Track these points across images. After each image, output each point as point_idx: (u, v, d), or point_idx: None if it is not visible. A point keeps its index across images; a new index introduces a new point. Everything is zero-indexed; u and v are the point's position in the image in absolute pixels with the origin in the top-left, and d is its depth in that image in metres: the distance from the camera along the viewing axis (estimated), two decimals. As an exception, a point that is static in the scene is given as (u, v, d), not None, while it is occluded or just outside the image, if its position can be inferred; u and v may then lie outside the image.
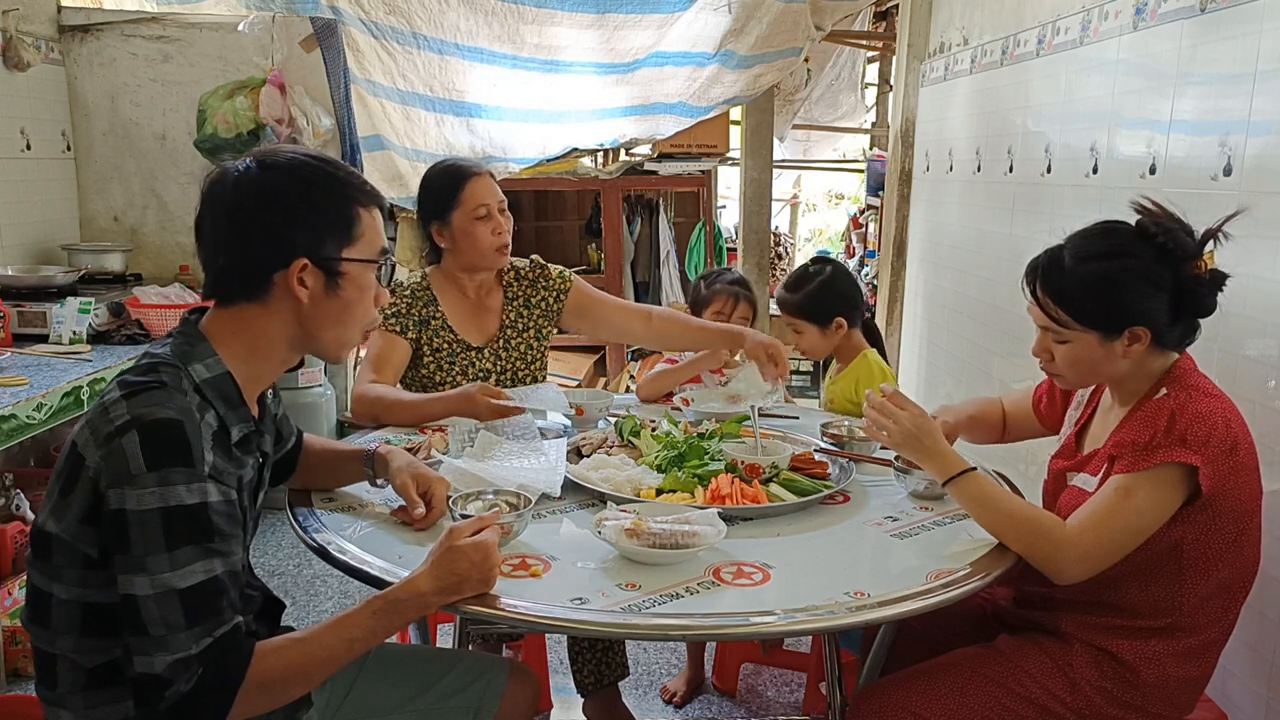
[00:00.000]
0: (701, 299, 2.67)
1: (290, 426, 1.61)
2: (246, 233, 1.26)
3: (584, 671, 2.30)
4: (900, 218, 4.45)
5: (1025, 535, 1.51)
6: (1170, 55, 2.33)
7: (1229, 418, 1.50)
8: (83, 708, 1.21)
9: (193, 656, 1.13)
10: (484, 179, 2.28)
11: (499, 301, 2.40)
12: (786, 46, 4.47)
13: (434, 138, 4.20)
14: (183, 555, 1.13)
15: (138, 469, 1.12)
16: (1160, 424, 1.47)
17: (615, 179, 5.59)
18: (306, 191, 1.27)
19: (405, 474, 1.60)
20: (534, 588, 1.38)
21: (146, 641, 1.13)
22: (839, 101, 8.11)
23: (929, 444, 1.60)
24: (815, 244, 11.29)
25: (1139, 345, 1.53)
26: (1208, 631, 1.55)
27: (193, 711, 1.13)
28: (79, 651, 1.20)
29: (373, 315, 1.38)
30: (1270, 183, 1.96)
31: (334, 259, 1.28)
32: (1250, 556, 1.56)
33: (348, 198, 1.30)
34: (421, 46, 3.98)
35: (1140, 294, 1.52)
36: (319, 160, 1.31)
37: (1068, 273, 1.55)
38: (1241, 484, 1.50)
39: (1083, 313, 1.54)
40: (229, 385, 1.26)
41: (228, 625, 1.16)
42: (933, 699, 1.54)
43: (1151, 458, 1.46)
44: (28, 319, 2.85)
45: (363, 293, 1.33)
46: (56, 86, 3.59)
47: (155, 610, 1.12)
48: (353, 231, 1.30)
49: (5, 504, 2.78)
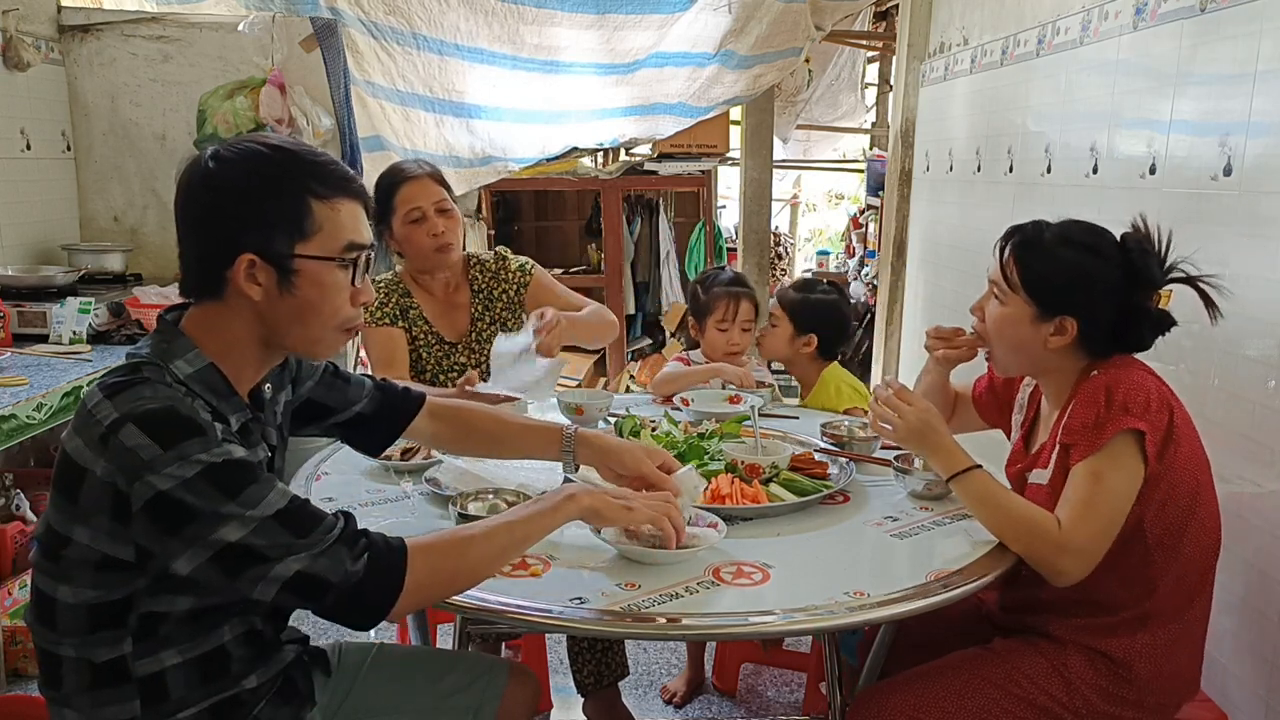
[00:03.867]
0: (701, 306, 2.63)
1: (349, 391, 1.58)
2: (196, 229, 1.22)
3: (584, 672, 2.30)
4: (900, 218, 4.45)
5: (1026, 536, 1.51)
6: (1170, 55, 2.33)
7: (1160, 386, 1.53)
8: (89, 707, 1.20)
9: (334, 544, 1.14)
10: (418, 182, 2.27)
11: (466, 297, 2.42)
12: (786, 46, 4.47)
13: (434, 139, 4.20)
14: (250, 495, 1.12)
15: (152, 454, 1.09)
16: (1100, 399, 1.50)
17: (615, 179, 5.59)
18: (251, 184, 1.19)
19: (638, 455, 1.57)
20: (534, 588, 1.38)
21: (267, 566, 1.12)
22: (839, 101, 8.11)
23: (934, 440, 1.61)
24: (815, 244, 11.28)
25: (1062, 338, 1.56)
26: (1187, 611, 1.57)
27: (371, 592, 1.16)
28: (87, 648, 1.18)
29: (348, 314, 1.28)
30: (1270, 183, 1.96)
31: (285, 255, 1.20)
32: (1210, 528, 1.58)
33: (299, 190, 1.21)
34: (421, 47, 3.98)
35: (1090, 292, 1.55)
36: (276, 150, 1.22)
37: (1041, 244, 1.60)
38: (1185, 452, 1.52)
39: (1033, 283, 1.58)
40: (214, 376, 1.23)
41: (344, 521, 1.18)
42: (931, 701, 1.54)
43: (1102, 434, 1.48)
44: (28, 319, 2.85)
45: (324, 291, 1.24)
46: (56, 86, 3.58)
47: (260, 540, 1.11)
48: (305, 226, 1.21)
49: (5, 504, 2.78)
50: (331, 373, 1.57)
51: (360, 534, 1.19)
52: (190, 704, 1.23)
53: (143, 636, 1.19)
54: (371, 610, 1.19)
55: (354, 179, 1.28)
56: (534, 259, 2.54)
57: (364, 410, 1.59)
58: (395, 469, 1.83)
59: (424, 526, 1.60)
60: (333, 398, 1.56)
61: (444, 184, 2.32)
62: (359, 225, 1.27)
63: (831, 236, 11.15)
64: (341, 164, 1.29)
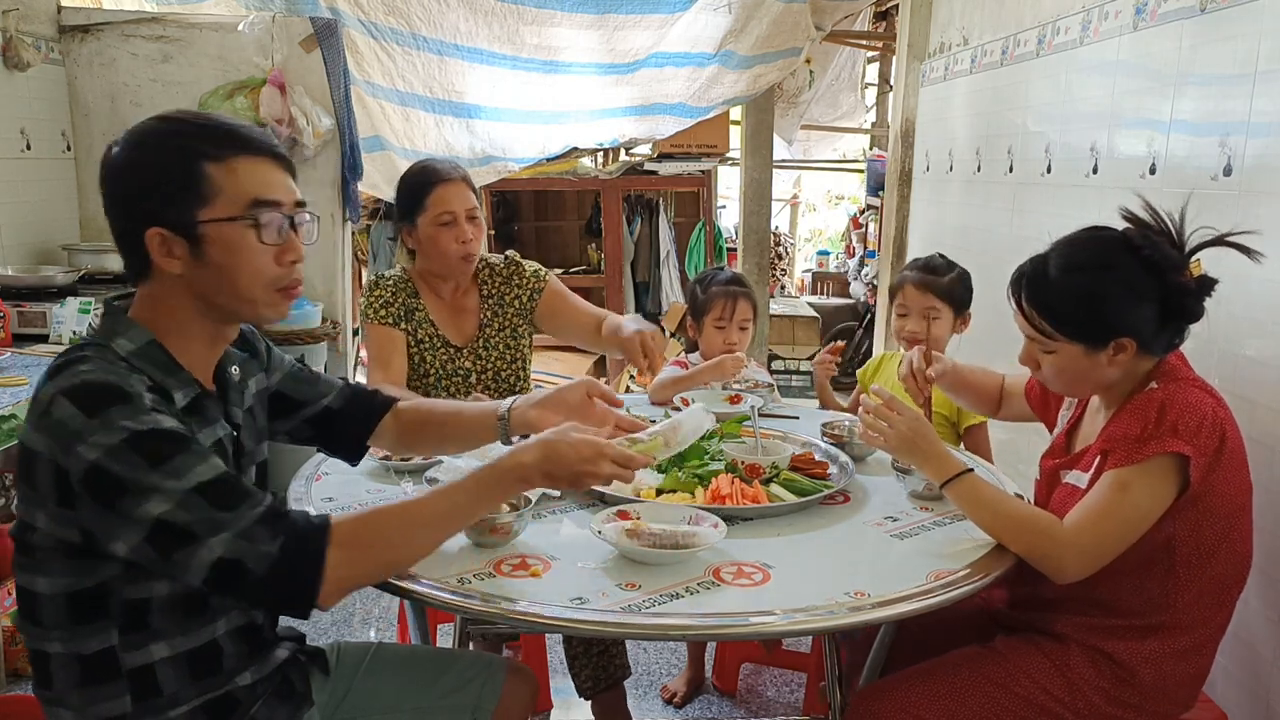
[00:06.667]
0: (699, 305, 2.62)
1: (318, 385, 1.56)
2: (110, 213, 1.23)
3: (582, 676, 2.29)
4: (900, 218, 4.45)
5: (1023, 535, 1.51)
6: (1170, 55, 2.33)
7: (1217, 409, 1.50)
8: (80, 704, 1.21)
9: (253, 525, 1.11)
10: (454, 185, 2.23)
11: (475, 301, 2.38)
12: (787, 46, 4.47)
13: (433, 139, 4.20)
14: (176, 465, 1.10)
15: (79, 424, 1.08)
16: (1151, 415, 1.47)
17: (615, 179, 5.59)
18: (145, 159, 1.20)
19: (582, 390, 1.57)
20: (534, 588, 1.38)
21: (194, 548, 1.10)
22: (839, 101, 8.12)
23: (925, 447, 1.61)
24: (815, 244, 11.29)
25: (1124, 355, 1.53)
26: (1203, 628, 1.55)
27: (287, 577, 1.12)
28: (74, 640, 1.19)
29: (275, 273, 1.25)
30: (1270, 183, 1.96)
31: (190, 224, 1.19)
32: (1242, 551, 1.56)
33: (190, 155, 1.19)
34: (421, 47, 3.98)
35: (1125, 306, 1.51)
36: (166, 122, 1.22)
37: (1052, 283, 1.55)
38: (1230, 477, 1.50)
39: (1067, 325, 1.54)
40: (156, 352, 1.22)
41: (270, 498, 1.14)
42: (931, 700, 1.54)
43: (1144, 449, 1.46)
44: (28, 319, 2.85)
45: (237, 253, 1.21)
46: (56, 86, 3.58)
47: (185, 515, 1.09)
48: (201, 190, 1.19)
49: (5, 504, 2.78)
50: (300, 367, 1.57)
51: (280, 514, 1.15)
52: (183, 700, 1.24)
53: (130, 627, 1.19)
54: (293, 597, 1.15)
55: (255, 137, 1.25)
56: (534, 259, 2.53)
57: (332, 405, 1.57)
58: (395, 469, 1.83)
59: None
60: (301, 391, 1.55)
61: (475, 190, 2.30)
62: (266, 181, 1.24)
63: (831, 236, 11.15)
64: (242, 124, 1.26)
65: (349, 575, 1.16)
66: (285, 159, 1.28)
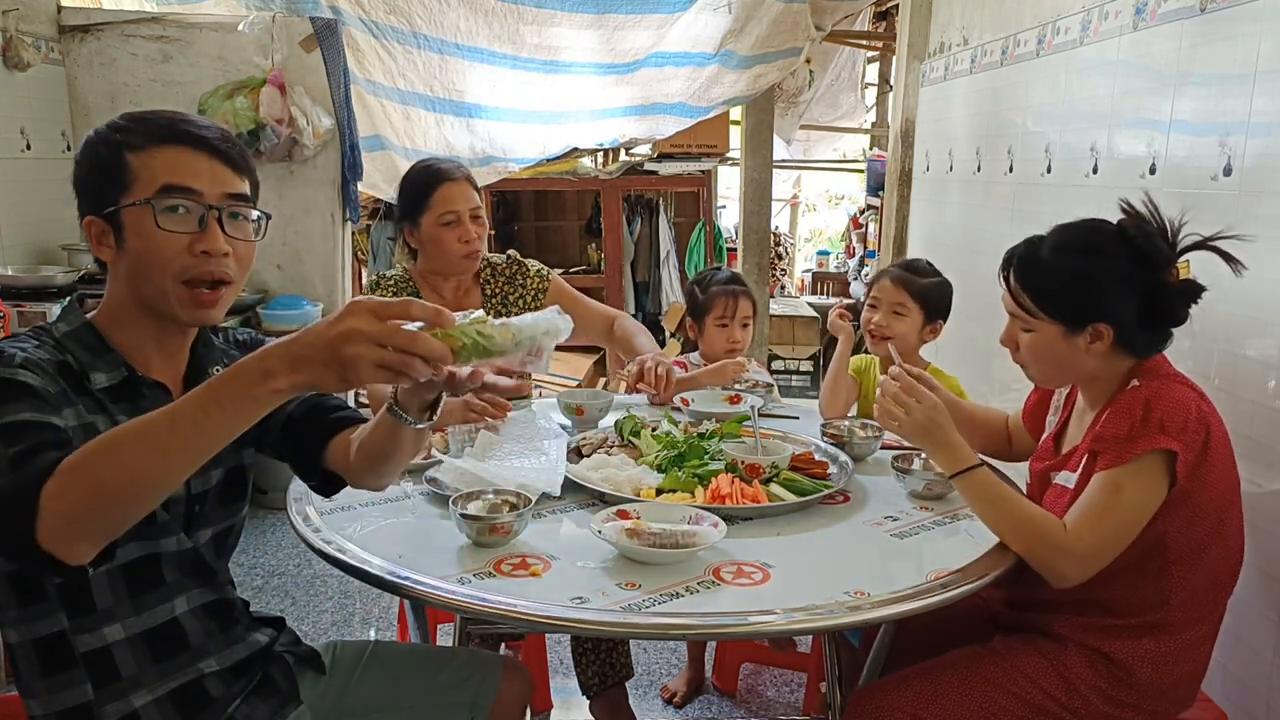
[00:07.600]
0: (700, 305, 2.61)
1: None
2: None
3: (588, 673, 2.30)
4: (900, 218, 4.45)
5: (1027, 537, 1.51)
6: (1170, 55, 2.33)
7: (1200, 404, 1.51)
8: (45, 693, 1.21)
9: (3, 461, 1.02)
10: (458, 184, 2.24)
11: (477, 300, 2.38)
12: (786, 46, 4.48)
13: (434, 138, 4.21)
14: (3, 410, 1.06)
15: None
16: (1136, 413, 1.48)
17: (615, 179, 5.59)
18: (84, 154, 1.25)
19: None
20: (534, 587, 1.38)
21: None
22: (839, 101, 8.12)
23: (939, 436, 1.60)
24: (815, 244, 11.30)
25: (1100, 344, 1.54)
26: (1199, 625, 1.56)
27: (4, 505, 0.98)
28: (25, 626, 1.19)
29: (184, 263, 1.21)
30: (1270, 183, 1.96)
31: (111, 211, 1.21)
32: (1234, 547, 1.57)
33: (116, 146, 1.22)
34: (421, 46, 3.99)
35: (1108, 291, 1.53)
36: (111, 123, 1.26)
37: (1042, 263, 1.58)
38: (1217, 473, 1.51)
39: (1049, 302, 1.56)
40: (88, 334, 1.25)
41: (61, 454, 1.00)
42: (930, 699, 1.54)
43: (1133, 448, 1.46)
44: (28, 319, 2.85)
45: (147, 240, 1.20)
46: (56, 86, 3.59)
47: None
48: (123, 179, 1.20)
49: None
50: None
51: (23, 451, 1.03)
52: (144, 684, 1.23)
53: (76, 609, 1.19)
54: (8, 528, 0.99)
55: (186, 129, 1.24)
56: (534, 259, 2.53)
57: (294, 414, 1.43)
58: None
59: (424, 526, 1.61)
60: None
61: (478, 190, 2.30)
62: (182, 169, 1.22)
63: (831, 236, 11.16)
64: (186, 118, 1.26)
65: (67, 502, 0.98)
66: (223, 152, 1.25)
